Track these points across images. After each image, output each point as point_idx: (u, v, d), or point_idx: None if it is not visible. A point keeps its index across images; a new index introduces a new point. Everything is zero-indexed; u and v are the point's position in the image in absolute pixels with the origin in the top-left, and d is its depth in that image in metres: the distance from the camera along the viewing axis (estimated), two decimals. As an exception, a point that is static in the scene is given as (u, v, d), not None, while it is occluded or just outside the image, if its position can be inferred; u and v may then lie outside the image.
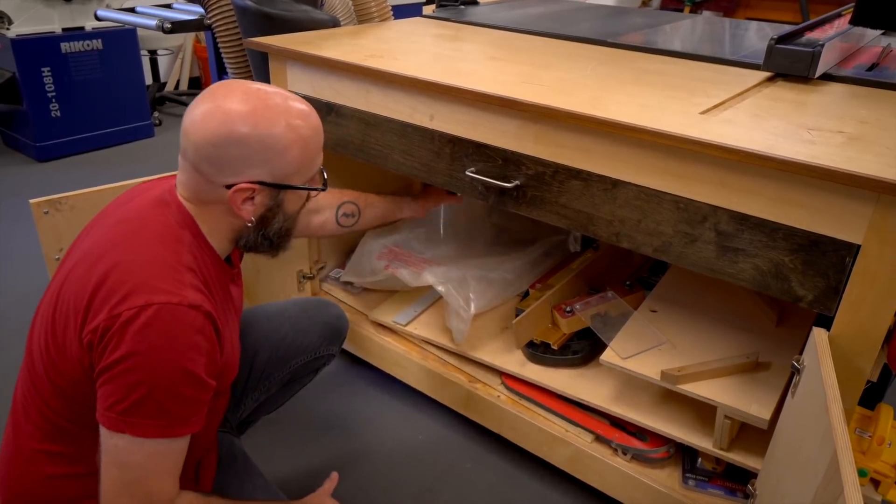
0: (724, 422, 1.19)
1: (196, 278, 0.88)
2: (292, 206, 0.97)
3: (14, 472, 0.95)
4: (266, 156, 0.88)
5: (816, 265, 0.96)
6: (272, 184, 0.91)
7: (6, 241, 2.46)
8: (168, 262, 0.86)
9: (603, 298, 1.54)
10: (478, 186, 1.28)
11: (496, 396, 1.48)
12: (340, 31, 1.76)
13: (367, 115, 1.42)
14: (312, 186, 0.98)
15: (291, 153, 0.90)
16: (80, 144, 3.32)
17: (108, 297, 0.82)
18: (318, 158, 0.97)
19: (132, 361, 0.81)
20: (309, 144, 0.93)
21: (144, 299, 0.81)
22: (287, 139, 0.89)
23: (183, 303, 0.83)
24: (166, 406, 0.83)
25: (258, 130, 0.87)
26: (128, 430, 0.82)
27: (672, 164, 1.04)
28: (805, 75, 1.32)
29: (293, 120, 0.90)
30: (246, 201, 0.91)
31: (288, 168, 0.91)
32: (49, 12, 3.08)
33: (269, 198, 0.93)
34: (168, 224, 0.91)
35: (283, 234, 0.99)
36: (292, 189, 0.94)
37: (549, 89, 1.22)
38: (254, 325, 1.26)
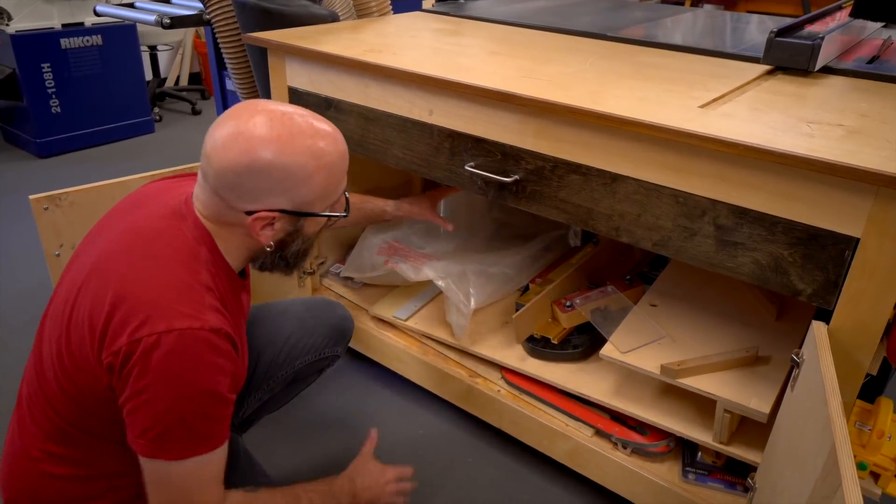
0: (723, 416, 1.19)
1: (214, 297, 0.87)
2: (312, 230, 0.97)
3: (17, 471, 0.96)
4: (288, 185, 0.87)
5: (816, 259, 0.95)
6: (293, 211, 0.90)
7: (6, 238, 2.46)
8: (187, 282, 0.85)
9: (603, 293, 1.54)
10: (477, 181, 1.28)
11: (496, 391, 1.49)
12: (339, 26, 1.75)
13: (366, 110, 1.42)
14: (334, 213, 0.96)
15: (314, 181, 0.89)
16: (80, 140, 3.32)
17: (127, 320, 0.81)
18: (341, 184, 0.95)
19: (158, 390, 0.81)
20: (333, 171, 0.91)
21: (165, 325, 0.80)
22: (310, 167, 0.87)
23: (205, 327, 0.82)
24: (195, 428, 0.84)
25: (281, 160, 0.85)
26: (161, 455, 0.84)
27: (671, 157, 1.03)
28: (805, 68, 1.32)
29: (318, 147, 0.88)
30: (265, 227, 0.90)
31: (310, 196, 0.90)
32: (48, 8, 3.07)
33: (290, 224, 0.92)
34: (185, 239, 0.89)
35: (301, 256, 0.99)
36: (313, 216, 0.93)
37: (548, 84, 1.21)
38: (259, 324, 1.26)
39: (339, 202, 0.97)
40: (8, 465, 0.97)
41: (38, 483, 0.94)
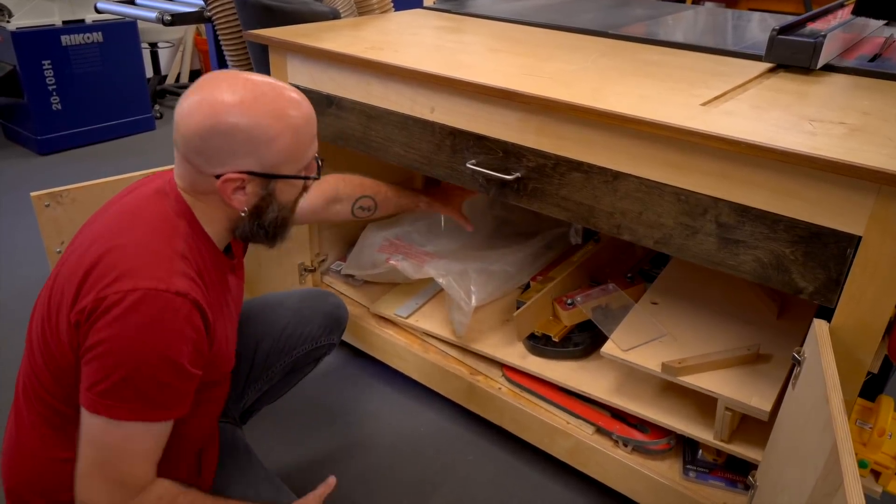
0: (724, 413, 1.19)
1: (188, 267, 0.88)
2: (286, 196, 0.96)
3: (17, 458, 0.96)
4: (253, 146, 0.88)
5: (817, 257, 0.95)
6: (261, 174, 0.90)
7: (8, 235, 2.47)
8: (160, 248, 0.87)
9: (604, 291, 1.54)
10: (479, 179, 1.28)
11: (497, 388, 1.49)
12: (341, 24, 1.75)
13: (367, 108, 1.42)
14: (304, 175, 0.96)
15: (280, 143, 0.89)
16: (80, 137, 3.32)
17: (98, 280, 0.83)
18: (310, 148, 0.95)
19: (113, 344, 0.81)
20: (300, 134, 0.92)
21: (132, 284, 0.82)
22: (275, 128, 0.88)
23: (170, 290, 0.83)
24: (144, 390, 0.83)
25: (245, 121, 0.86)
26: (104, 411, 0.83)
27: (673, 155, 1.03)
28: (807, 66, 1.32)
29: (283, 109, 0.89)
30: (237, 191, 0.90)
31: (277, 158, 0.90)
32: (49, 5, 3.07)
33: (261, 187, 0.92)
34: (164, 213, 0.91)
35: (280, 224, 0.98)
36: (283, 178, 0.93)
37: (550, 81, 1.21)
38: (255, 316, 1.27)
39: (311, 167, 0.97)
40: (8, 456, 0.98)
41: (38, 470, 0.95)
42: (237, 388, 1.24)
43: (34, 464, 0.95)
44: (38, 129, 3.17)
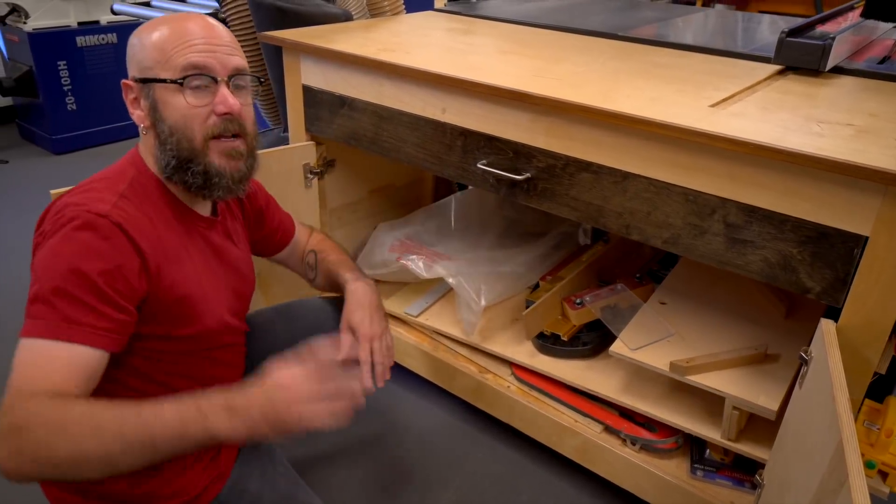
0: (732, 413, 1.20)
1: (123, 202, 0.89)
2: (171, 112, 0.91)
3: None
4: (133, 50, 0.93)
5: (824, 257, 0.96)
6: (138, 78, 0.93)
7: (22, 232, 2.50)
8: (99, 188, 0.90)
9: (613, 291, 1.55)
10: (489, 179, 1.30)
11: (506, 387, 1.50)
12: (353, 25, 1.77)
13: (379, 108, 1.44)
14: (163, 78, 0.90)
15: (151, 42, 0.92)
16: (94, 137, 3.36)
17: (45, 222, 0.88)
18: (180, 52, 0.90)
19: (36, 262, 0.85)
20: (171, 34, 0.92)
21: (62, 214, 0.85)
22: (153, 33, 0.92)
23: (90, 210, 0.85)
24: (52, 303, 0.80)
25: (139, 31, 0.94)
26: (21, 331, 0.80)
27: (681, 156, 1.04)
28: (816, 68, 1.33)
29: (170, 20, 0.93)
30: (134, 105, 0.95)
31: (147, 60, 0.92)
32: (65, 6, 3.11)
33: (144, 97, 0.93)
34: (120, 166, 0.97)
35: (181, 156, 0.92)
36: (156, 83, 0.91)
37: (560, 82, 1.23)
38: (302, 318, 1.29)
39: (178, 73, 0.90)
40: None
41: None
42: None
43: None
44: (52, 128, 3.21)
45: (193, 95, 0.92)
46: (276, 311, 1.33)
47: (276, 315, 1.31)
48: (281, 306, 1.36)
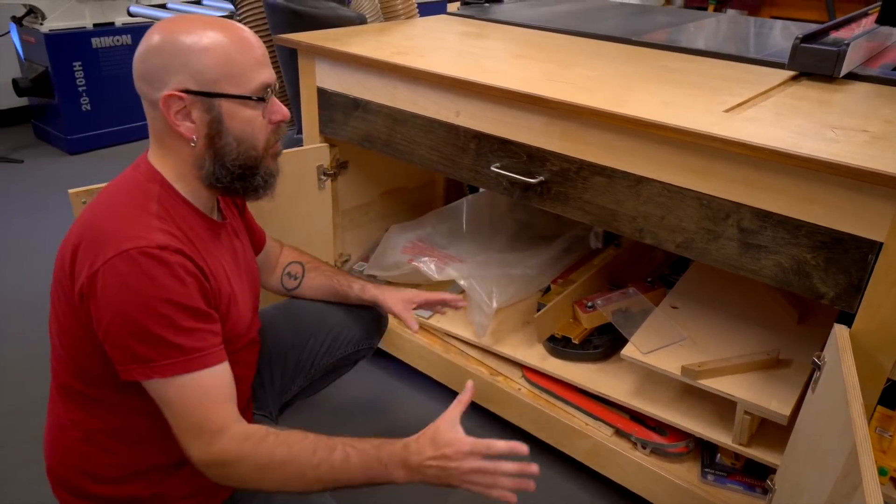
0: (743, 417, 1.20)
1: (165, 224, 0.89)
2: (241, 126, 0.92)
3: (53, 440, 1.01)
4: (183, 59, 0.87)
5: (838, 262, 0.97)
6: (199, 91, 0.88)
7: (37, 231, 2.53)
8: (135, 213, 0.88)
9: (624, 294, 1.55)
10: (502, 182, 1.30)
11: (517, 389, 1.51)
12: (367, 29, 1.78)
13: (393, 111, 1.45)
14: (248, 94, 0.91)
15: (211, 55, 0.88)
16: (108, 137, 3.38)
17: (85, 257, 0.86)
18: (253, 71, 0.92)
19: (125, 312, 0.83)
20: (232, 49, 0.89)
21: (114, 250, 0.83)
22: (203, 41, 0.88)
23: (151, 244, 0.84)
24: (175, 341, 0.85)
25: (173, 36, 0.88)
26: (154, 373, 0.85)
27: (696, 161, 1.05)
28: (830, 74, 1.33)
29: (211, 27, 0.90)
30: (182, 117, 0.90)
31: (211, 73, 0.88)
32: (81, 8, 3.14)
33: (205, 110, 0.90)
34: (136, 181, 0.93)
35: (245, 165, 0.94)
36: (225, 98, 0.90)
37: (573, 87, 1.23)
38: (305, 315, 1.31)
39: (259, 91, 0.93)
40: (47, 435, 1.02)
41: (69, 449, 0.99)
42: (283, 381, 1.28)
43: (65, 444, 0.99)
44: (67, 128, 3.24)
45: (260, 109, 0.94)
46: (278, 308, 1.35)
47: (278, 313, 1.33)
48: (282, 304, 1.37)
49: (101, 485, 0.98)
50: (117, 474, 0.98)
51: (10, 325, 1.96)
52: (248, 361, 1.11)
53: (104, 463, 0.98)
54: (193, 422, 0.88)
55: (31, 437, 1.53)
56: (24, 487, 1.43)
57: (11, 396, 1.69)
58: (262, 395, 1.25)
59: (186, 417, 0.88)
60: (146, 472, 0.99)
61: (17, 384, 1.73)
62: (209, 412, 0.88)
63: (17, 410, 1.64)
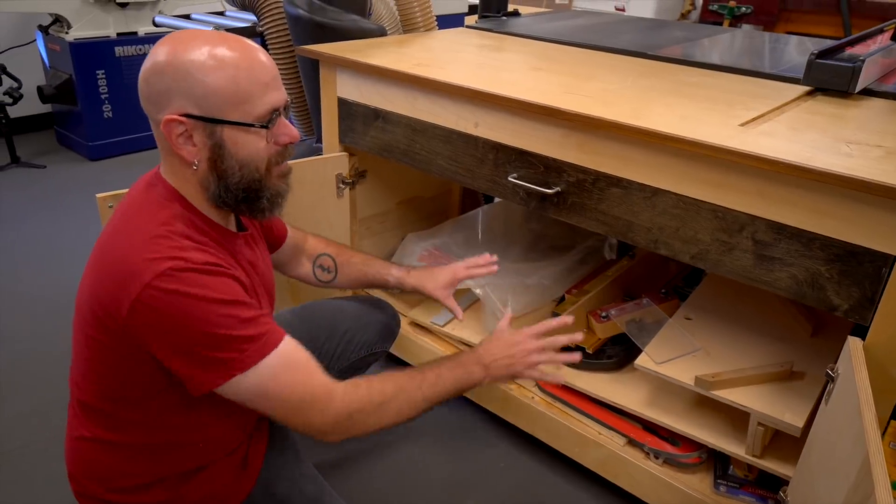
0: (757, 429, 1.21)
1: (194, 243, 0.89)
2: (245, 151, 0.90)
3: (73, 450, 1.03)
4: (186, 85, 0.85)
5: (852, 275, 0.98)
6: (201, 117, 0.87)
7: (59, 235, 2.57)
8: (163, 234, 0.87)
9: (638, 305, 1.57)
10: (519, 192, 1.33)
11: (531, 398, 1.52)
12: (387, 40, 1.82)
13: (413, 122, 1.48)
14: (247, 123, 0.89)
15: (216, 82, 0.85)
16: (128, 145, 3.44)
17: (123, 287, 0.84)
18: (261, 96, 0.89)
19: (184, 334, 0.84)
20: (240, 75, 0.87)
21: (151, 274, 0.82)
22: (207, 65, 0.85)
23: (189, 263, 0.85)
24: (243, 334, 0.86)
25: (176, 57, 0.85)
26: (236, 370, 0.86)
27: (711, 173, 1.07)
28: (845, 90, 1.34)
29: (217, 48, 0.86)
30: (184, 140, 0.88)
31: (215, 99, 0.86)
32: (105, 17, 3.21)
33: (206, 135, 0.88)
34: (157, 201, 0.92)
35: (249, 188, 0.93)
36: (229, 125, 0.88)
37: (591, 99, 1.25)
38: (319, 318, 1.33)
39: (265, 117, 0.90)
40: (68, 445, 1.04)
41: (88, 459, 1.01)
42: None
43: (84, 455, 1.01)
44: (89, 135, 3.31)
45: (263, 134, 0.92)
46: (294, 313, 1.37)
47: (293, 317, 1.35)
48: (297, 309, 1.40)
49: (120, 494, 1.00)
50: (135, 483, 1.00)
51: (32, 327, 2.00)
52: None
53: (123, 473, 1.00)
54: (300, 396, 0.91)
55: (53, 437, 1.57)
56: (46, 487, 1.46)
57: (34, 398, 1.72)
58: None
59: (290, 396, 0.91)
60: (163, 480, 1.00)
61: (39, 386, 1.76)
62: (310, 382, 0.93)
63: (40, 411, 1.67)
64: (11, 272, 2.32)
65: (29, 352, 1.89)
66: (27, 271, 2.32)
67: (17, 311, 2.09)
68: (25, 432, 1.61)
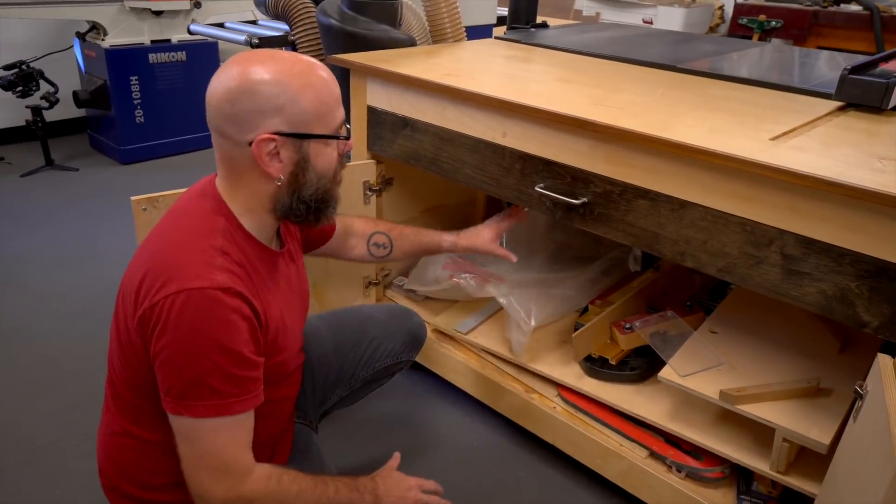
0: (782, 444, 1.19)
1: (228, 261, 0.92)
2: (323, 163, 0.97)
3: (104, 444, 1.06)
4: (279, 103, 0.90)
5: (883, 292, 0.97)
6: (292, 133, 0.92)
7: (91, 237, 2.63)
8: (200, 247, 0.91)
9: (663, 317, 1.56)
10: (546, 202, 1.33)
11: (552, 408, 1.52)
12: (417, 51, 1.84)
13: (441, 131, 1.49)
14: (335, 135, 0.97)
15: (306, 99, 0.92)
16: (160, 149, 3.52)
17: (151, 286, 0.89)
18: (337, 110, 0.97)
19: (174, 348, 0.88)
20: (322, 91, 0.94)
21: (177, 286, 0.87)
22: (299, 84, 0.91)
23: (213, 286, 0.87)
24: (216, 386, 0.89)
25: (269, 77, 0.90)
26: (185, 412, 0.89)
27: (740, 187, 1.07)
28: (878, 106, 1.33)
29: (303, 69, 0.93)
30: (271, 157, 0.93)
31: (304, 115, 0.92)
32: (140, 25, 3.29)
33: (294, 150, 0.94)
34: (204, 212, 0.96)
35: (321, 198, 0.99)
36: (315, 139, 0.94)
37: (619, 111, 1.26)
38: (346, 327, 1.35)
39: (341, 132, 0.99)
40: (100, 439, 1.08)
41: (118, 455, 1.03)
42: (322, 391, 1.32)
43: (114, 450, 1.04)
44: (122, 139, 3.38)
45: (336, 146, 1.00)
46: (322, 319, 1.39)
47: (321, 323, 1.37)
48: (325, 315, 1.41)
49: (146, 491, 1.03)
50: (161, 482, 1.02)
51: (63, 326, 2.05)
52: (296, 380, 1.16)
53: (150, 471, 1.02)
54: (222, 462, 0.93)
55: (85, 434, 1.60)
56: (74, 483, 1.49)
57: (67, 395, 1.76)
58: (303, 404, 1.29)
59: (214, 457, 0.92)
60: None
61: (72, 384, 1.80)
62: (237, 454, 0.94)
63: (72, 408, 1.71)
64: (44, 272, 2.37)
65: (59, 351, 1.94)
66: (59, 271, 2.38)
67: (48, 310, 2.14)
68: (55, 429, 1.64)
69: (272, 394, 1.05)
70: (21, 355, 1.92)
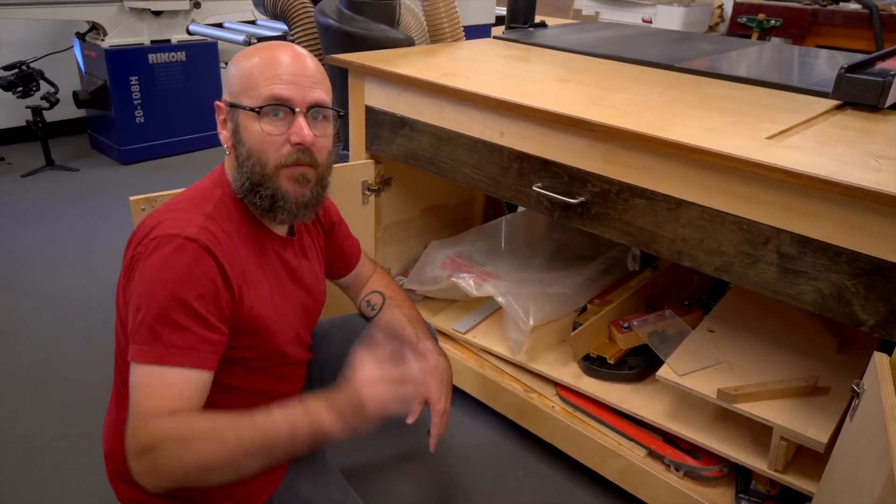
0: (780, 443, 1.20)
1: (212, 224, 0.94)
2: (249, 137, 0.97)
3: (111, 428, 1.06)
4: (228, 76, 1.00)
5: (879, 290, 0.97)
6: (228, 102, 0.99)
7: (91, 237, 2.63)
8: (187, 208, 0.96)
9: (661, 317, 1.56)
10: (543, 201, 1.33)
11: (551, 407, 1.52)
12: (415, 50, 1.84)
13: (439, 130, 1.49)
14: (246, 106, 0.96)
15: (241, 71, 0.98)
16: (159, 149, 3.52)
17: (139, 239, 0.93)
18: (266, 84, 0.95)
19: (136, 287, 0.90)
20: (260, 65, 0.97)
21: (155, 234, 0.91)
22: (244, 59, 0.99)
23: (182, 234, 0.90)
24: (157, 331, 0.87)
25: (236, 60, 1.00)
26: (133, 356, 0.87)
27: (737, 186, 1.07)
28: (875, 105, 1.33)
29: (265, 46, 1.00)
30: (221, 125, 1.02)
31: (236, 86, 0.98)
32: (140, 25, 3.29)
33: (230, 119, 1.00)
34: (204, 185, 1.03)
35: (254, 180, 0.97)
36: (238, 109, 0.97)
37: (616, 110, 1.26)
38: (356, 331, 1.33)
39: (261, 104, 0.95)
40: (106, 427, 1.09)
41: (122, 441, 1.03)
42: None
43: (113, 427, 1.05)
44: (122, 139, 3.38)
45: (270, 124, 0.96)
46: (333, 323, 1.38)
47: (332, 328, 1.36)
48: (337, 319, 1.41)
49: None
50: None
51: (63, 326, 2.05)
52: (296, 376, 1.15)
53: None
54: (140, 410, 0.85)
55: (84, 434, 1.60)
56: (75, 481, 1.49)
57: (68, 393, 1.76)
58: None
59: (137, 405, 0.85)
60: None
61: (73, 382, 1.80)
62: (161, 405, 0.84)
63: (71, 408, 1.71)
64: (44, 272, 2.38)
65: (58, 350, 1.94)
66: (59, 271, 2.38)
67: (48, 310, 2.14)
68: (55, 428, 1.65)
69: (269, 387, 1.06)
70: (20, 355, 1.92)
